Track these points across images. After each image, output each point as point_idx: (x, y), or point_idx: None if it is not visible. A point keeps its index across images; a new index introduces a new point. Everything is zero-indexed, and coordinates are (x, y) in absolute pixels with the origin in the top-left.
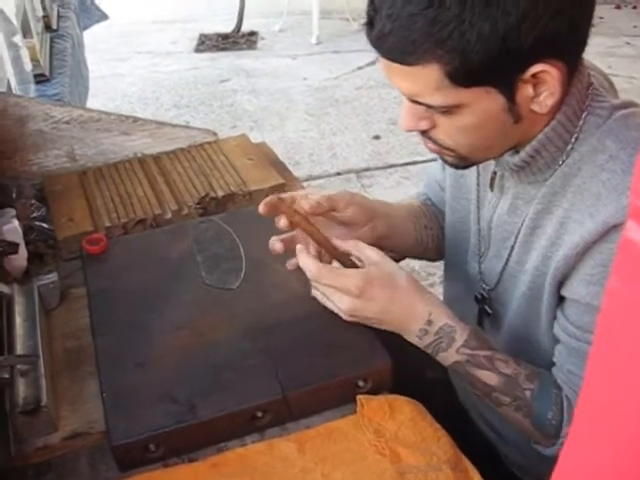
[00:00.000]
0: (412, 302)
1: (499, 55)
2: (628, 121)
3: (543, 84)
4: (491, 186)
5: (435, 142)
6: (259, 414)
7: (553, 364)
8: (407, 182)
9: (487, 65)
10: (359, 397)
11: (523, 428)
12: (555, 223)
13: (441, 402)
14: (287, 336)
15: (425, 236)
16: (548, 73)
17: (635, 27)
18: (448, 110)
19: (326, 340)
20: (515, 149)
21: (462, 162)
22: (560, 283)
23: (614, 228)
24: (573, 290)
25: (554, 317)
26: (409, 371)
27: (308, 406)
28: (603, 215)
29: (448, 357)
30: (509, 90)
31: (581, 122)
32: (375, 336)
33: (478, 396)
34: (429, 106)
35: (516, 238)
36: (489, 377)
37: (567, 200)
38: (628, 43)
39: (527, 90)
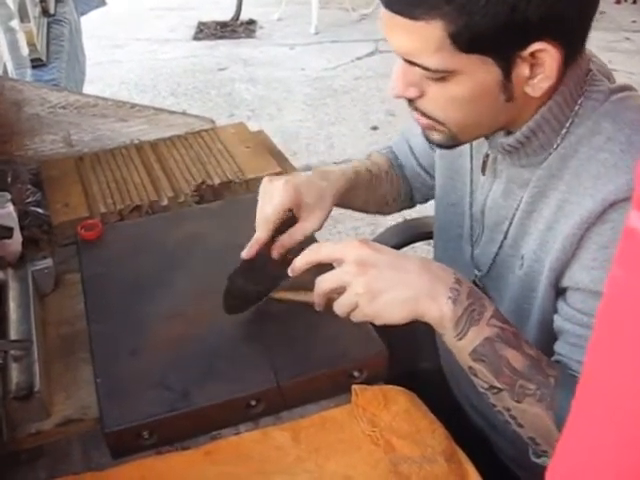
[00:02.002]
0: (430, 262)
1: (505, 24)
2: (625, 103)
3: (540, 66)
4: (483, 170)
5: (424, 114)
6: (253, 403)
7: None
8: None
9: (491, 33)
10: (354, 387)
11: (541, 427)
12: (552, 206)
13: (434, 394)
14: (282, 325)
15: (374, 201)
16: (547, 53)
17: (635, 22)
18: (442, 77)
19: (321, 329)
20: (507, 130)
21: (450, 140)
22: (560, 273)
23: (613, 206)
24: (575, 279)
25: (550, 310)
26: (402, 362)
27: (302, 395)
28: (603, 193)
29: (478, 333)
30: (506, 65)
31: (577, 106)
32: (370, 327)
33: (496, 392)
34: (425, 68)
35: (510, 222)
36: (516, 358)
37: (564, 183)
38: (628, 38)
39: (523, 70)
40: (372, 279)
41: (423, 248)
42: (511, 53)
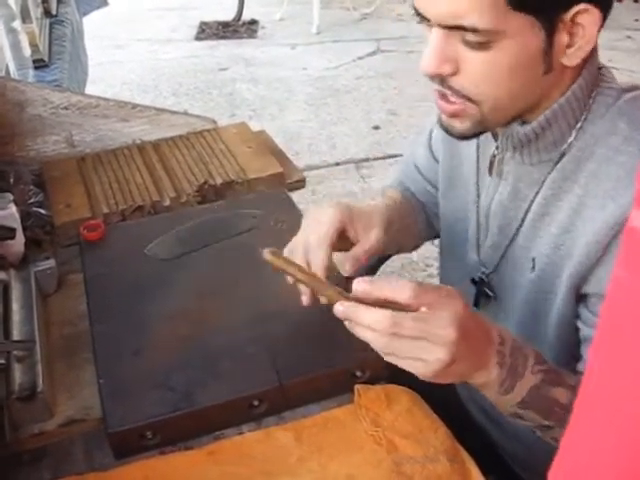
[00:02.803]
0: (480, 322)
1: None
2: (638, 103)
3: (578, 34)
4: (490, 170)
5: (457, 93)
6: (256, 403)
7: (577, 370)
8: None
9: None
10: (356, 387)
11: None
12: (567, 209)
13: (437, 393)
14: (285, 325)
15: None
16: (589, 14)
17: (636, 21)
18: (486, 42)
19: (324, 329)
20: (522, 120)
21: (476, 125)
22: (582, 279)
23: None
24: (601, 285)
25: (569, 313)
26: None
27: (305, 395)
28: (625, 198)
29: (524, 384)
30: (550, 28)
31: (591, 101)
32: None
33: (546, 429)
34: (474, 30)
35: (521, 223)
36: (562, 395)
37: (580, 186)
38: (629, 37)
39: (563, 37)
40: (463, 352)
41: (428, 248)
42: (555, 15)
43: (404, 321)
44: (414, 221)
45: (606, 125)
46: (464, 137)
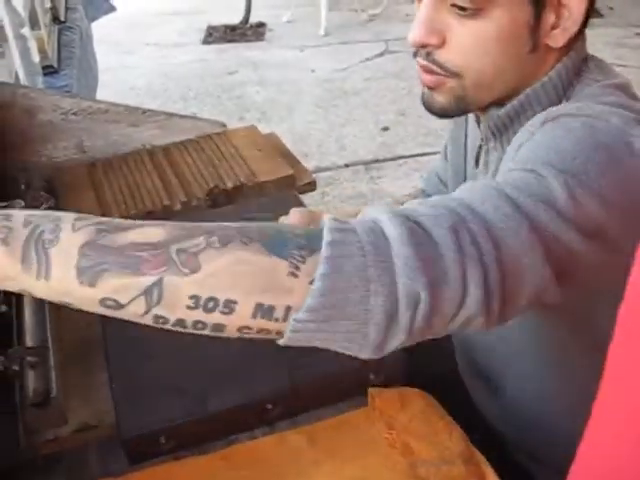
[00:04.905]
0: None
1: None
2: (608, 89)
3: (564, 15)
4: (477, 162)
5: (440, 65)
6: (269, 406)
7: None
8: (416, 174)
9: None
10: (370, 389)
11: (250, 274)
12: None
13: (450, 397)
14: None
15: None
16: None
17: None
18: (476, 11)
19: None
20: (502, 105)
21: (457, 101)
22: None
23: (561, 116)
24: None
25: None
26: (418, 365)
27: (319, 399)
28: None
29: (67, 248)
30: (538, 4)
31: (570, 91)
32: None
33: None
34: None
35: None
36: (146, 234)
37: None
38: (638, 34)
39: (550, 16)
40: None
41: None
42: None
43: None
44: None
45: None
46: (445, 114)
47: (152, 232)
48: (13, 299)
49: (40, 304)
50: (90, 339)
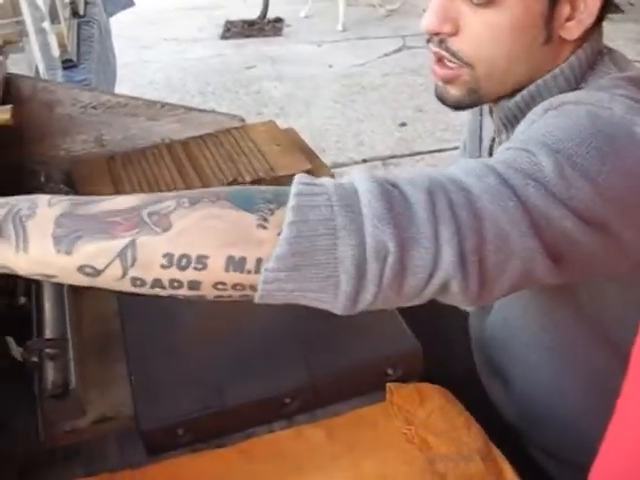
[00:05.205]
0: None
1: None
2: (619, 82)
3: (579, 8)
4: (490, 154)
5: (453, 54)
6: (287, 400)
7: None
8: (433, 170)
9: None
10: (388, 385)
11: (221, 228)
12: None
13: (467, 394)
14: (316, 322)
15: None
16: None
17: None
18: (490, 0)
19: (355, 327)
20: (513, 94)
21: (470, 93)
22: None
23: (564, 104)
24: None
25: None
26: (435, 363)
27: (337, 393)
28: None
29: (43, 220)
30: None
31: (582, 83)
32: (404, 324)
33: (126, 256)
34: None
35: None
36: (119, 202)
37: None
38: None
39: (565, 8)
40: None
41: None
42: None
43: None
44: None
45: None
46: (458, 106)
47: (124, 200)
48: (33, 291)
49: (59, 296)
50: (109, 332)
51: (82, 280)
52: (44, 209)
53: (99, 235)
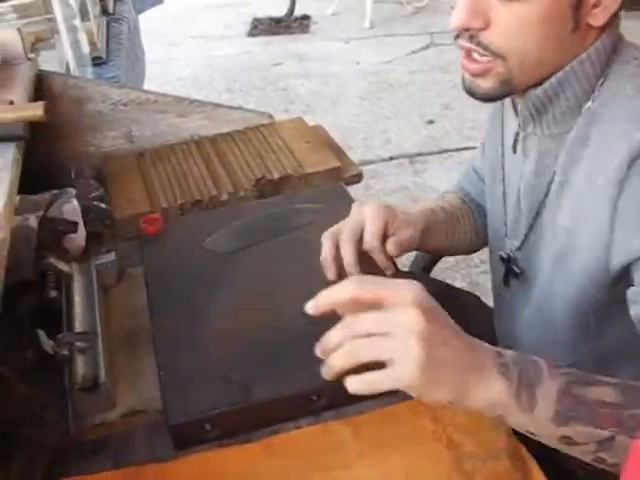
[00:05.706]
0: (466, 336)
1: None
2: None
3: None
4: (514, 148)
5: (485, 47)
6: (314, 397)
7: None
8: (461, 168)
9: None
10: None
11: None
12: (581, 174)
13: None
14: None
15: (457, 239)
16: None
17: None
18: None
19: None
20: (540, 83)
21: (503, 85)
22: (604, 247)
23: None
24: (629, 248)
25: (593, 292)
26: None
27: None
28: (631, 139)
29: (547, 392)
30: None
31: (608, 69)
32: None
33: (607, 446)
34: None
35: (545, 196)
36: (604, 392)
37: (592, 146)
38: None
39: None
40: (436, 339)
41: None
42: None
43: (356, 317)
44: (469, 225)
45: (614, 87)
46: (489, 98)
47: (608, 392)
48: (63, 285)
49: (90, 292)
50: (138, 327)
51: (554, 443)
52: (548, 379)
53: (589, 421)
